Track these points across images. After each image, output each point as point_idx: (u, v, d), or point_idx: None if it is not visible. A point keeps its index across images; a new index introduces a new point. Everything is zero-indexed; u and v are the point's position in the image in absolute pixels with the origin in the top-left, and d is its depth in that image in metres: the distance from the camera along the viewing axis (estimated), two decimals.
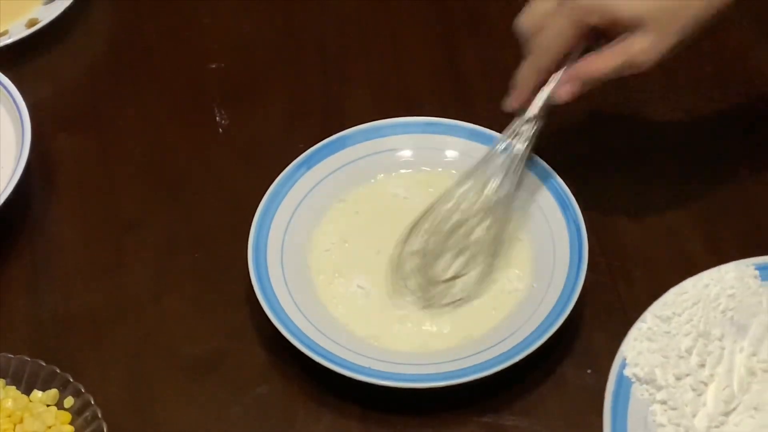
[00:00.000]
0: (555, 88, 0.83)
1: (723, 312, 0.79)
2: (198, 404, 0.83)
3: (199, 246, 0.91)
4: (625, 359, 0.77)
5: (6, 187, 0.89)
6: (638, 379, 0.76)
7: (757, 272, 0.80)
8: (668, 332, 0.78)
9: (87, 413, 0.79)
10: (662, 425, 0.75)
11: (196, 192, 0.95)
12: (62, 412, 0.80)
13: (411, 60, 1.04)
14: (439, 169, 0.92)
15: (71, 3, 1.06)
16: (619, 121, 0.98)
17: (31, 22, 1.05)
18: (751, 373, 0.78)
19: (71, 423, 0.79)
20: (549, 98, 0.84)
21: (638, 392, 0.76)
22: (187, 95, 1.03)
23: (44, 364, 0.81)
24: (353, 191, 0.92)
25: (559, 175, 0.88)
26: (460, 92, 1.01)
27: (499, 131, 0.87)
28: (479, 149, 0.89)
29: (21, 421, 0.79)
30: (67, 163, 0.98)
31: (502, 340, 0.81)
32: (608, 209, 0.91)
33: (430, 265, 0.85)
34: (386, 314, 0.85)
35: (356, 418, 0.82)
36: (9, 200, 0.89)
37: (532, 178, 0.89)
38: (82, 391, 0.80)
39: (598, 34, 0.82)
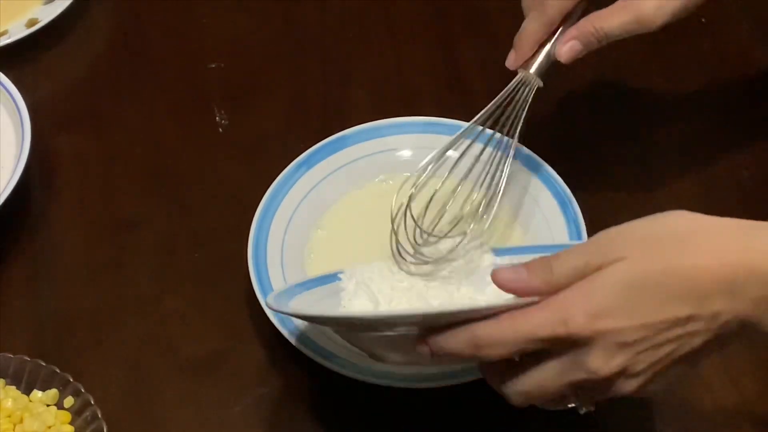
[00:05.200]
0: (558, 45, 0.82)
1: None
2: (198, 404, 0.83)
3: (199, 246, 0.91)
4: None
5: (6, 187, 0.89)
6: None
7: None
8: None
9: (87, 413, 0.79)
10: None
11: (196, 192, 0.95)
12: (62, 412, 0.80)
13: (411, 60, 1.04)
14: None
15: (71, 3, 1.06)
16: (618, 121, 0.98)
17: (31, 22, 1.05)
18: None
19: (71, 423, 0.79)
20: (551, 56, 0.82)
21: None
22: (187, 95, 1.02)
23: (44, 364, 0.81)
24: (353, 191, 0.92)
25: (558, 174, 0.88)
26: (460, 92, 1.01)
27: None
28: (479, 149, 0.89)
29: (21, 421, 0.79)
30: (67, 163, 0.98)
31: None
32: (608, 209, 0.90)
33: (418, 221, 0.84)
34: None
35: (356, 418, 0.82)
36: (9, 200, 0.89)
37: (531, 178, 0.89)
38: (82, 391, 0.80)
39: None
